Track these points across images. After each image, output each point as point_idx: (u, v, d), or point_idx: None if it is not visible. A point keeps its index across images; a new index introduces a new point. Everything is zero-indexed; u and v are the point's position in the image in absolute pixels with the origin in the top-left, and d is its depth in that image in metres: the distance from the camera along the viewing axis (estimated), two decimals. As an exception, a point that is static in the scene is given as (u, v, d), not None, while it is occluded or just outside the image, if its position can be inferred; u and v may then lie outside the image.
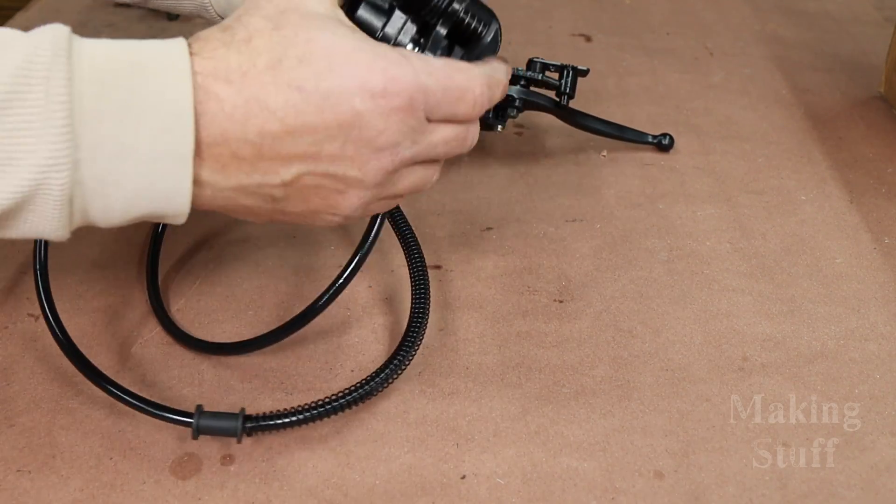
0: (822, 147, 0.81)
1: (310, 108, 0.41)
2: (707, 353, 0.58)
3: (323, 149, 0.43)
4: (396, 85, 0.43)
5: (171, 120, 0.39)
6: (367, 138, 0.43)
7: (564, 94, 0.75)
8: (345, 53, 0.42)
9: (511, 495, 0.49)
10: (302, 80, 0.41)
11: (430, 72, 0.44)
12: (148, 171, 0.40)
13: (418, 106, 0.44)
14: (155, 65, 0.40)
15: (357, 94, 0.42)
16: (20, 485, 0.49)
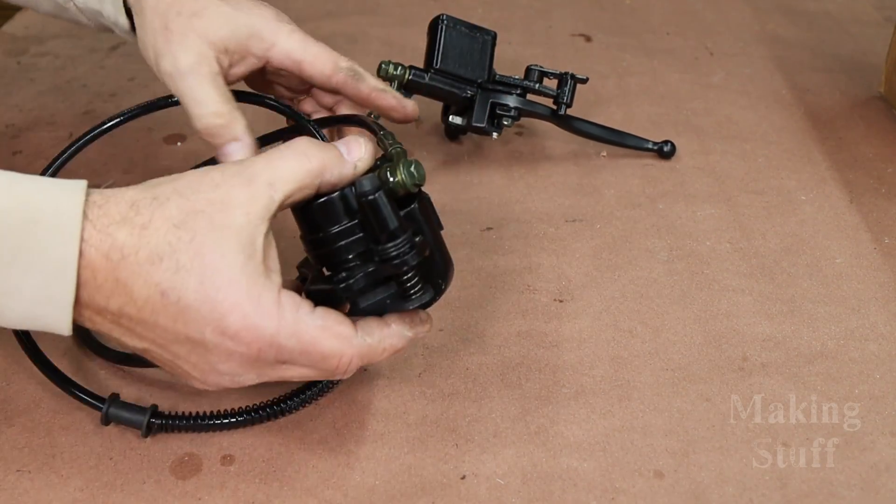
0: (821, 147, 0.81)
1: (166, 312, 0.43)
2: (707, 352, 0.58)
3: (170, 346, 0.44)
4: (250, 334, 0.43)
5: (55, 277, 0.41)
6: (209, 360, 0.44)
7: (562, 104, 0.75)
8: (220, 282, 0.42)
9: (511, 495, 0.49)
10: (169, 286, 0.42)
11: (295, 333, 0.44)
12: (31, 309, 0.42)
13: (266, 357, 0.44)
14: (46, 225, 0.41)
15: (209, 326, 0.43)
16: (20, 484, 0.49)
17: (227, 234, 0.43)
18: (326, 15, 1.08)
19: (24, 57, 0.98)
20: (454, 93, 0.74)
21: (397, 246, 0.45)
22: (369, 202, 0.44)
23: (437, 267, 0.49)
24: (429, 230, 0.48)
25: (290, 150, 0.45)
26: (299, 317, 0.44)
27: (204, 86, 0.56)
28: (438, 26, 0.74)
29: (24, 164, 0.78)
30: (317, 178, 0.45)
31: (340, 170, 0.46)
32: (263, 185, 0.44)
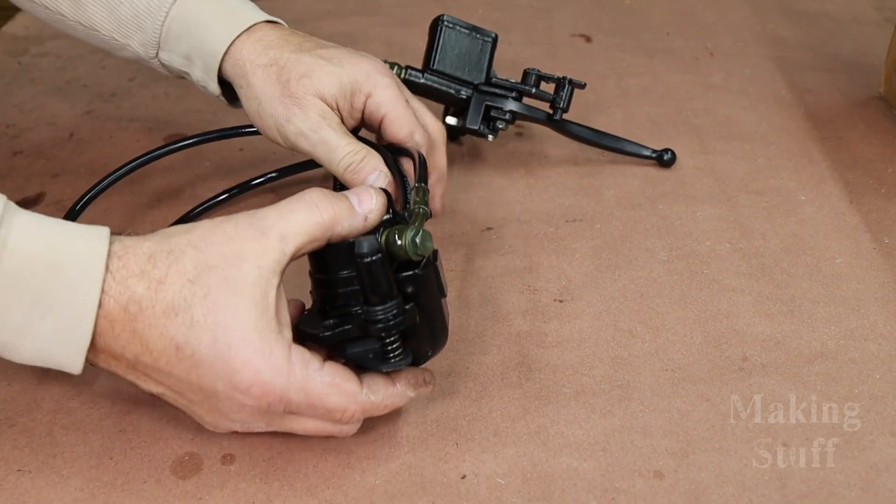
0: (821, 147, 0.81)
1: (181, 365, 0.44)
2: (707, 353, 0.58)
3: (185, 393, 0.46)
4: (260, 389, 0.45)
5: (73, 321, 0.43)
6: (220, 410, 0.46)
7: (559, 109, 0.75)
8: (232, 339, 0.44)
9: (511, 495, 0.49)
10: (184, 341, 0.44)
11: (304, 388, 0.45)
12: (46, 350, 0.44)
13: (275, 409, 0.46)
14: (69, 273, 0.43)
15: (222, 380, 0.44)
16: (21, 484, 0.49)
17: (240, 289, 0.44)
18: (326, 15, 1.09)
19: (25, 57, 0.98)
20: (450, 94, 0.74)
21: (385, 310, 0.46)
22: (364, 264, 0.45)
23: (428, 335, 0.50)
24: (427, 298, 0.49)
25: (302, 203, 0.46)
26: (308, 373, 0.46)
27: (336, 133, 0.60)
28: (438, 27, 0.74)
29: (24, 164, 0.78)
30: (328, 230, 0.47)
31: (351, 222, 0.47)
32: (275, 238, 0.45)
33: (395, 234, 0.47)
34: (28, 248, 0.42)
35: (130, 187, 0.74)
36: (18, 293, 0.42)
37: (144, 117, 0.86)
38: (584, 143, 0.79)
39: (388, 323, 0.46)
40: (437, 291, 0.50)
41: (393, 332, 0.47)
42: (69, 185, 0.74)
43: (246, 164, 0.78)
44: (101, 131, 0.83)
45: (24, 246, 0.42)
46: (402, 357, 0.48)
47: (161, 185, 0.75)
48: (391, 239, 0.47)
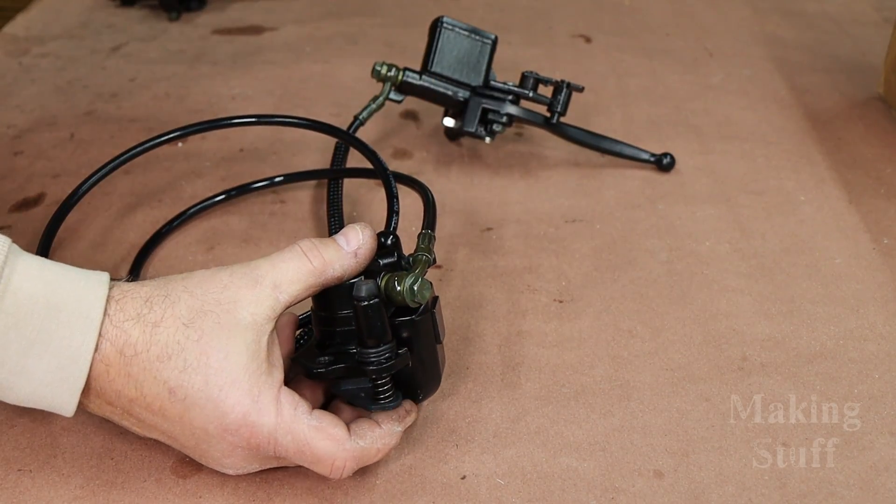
0: (821, 147, 0.81)
1: (173, 409, 0.45)
2: (707, 352, 0.59)
3: (178, 438, 0.47)
4: (248, 430, 0.45)
5: (69, 362, 0.43)
6: (212, 454, 0.47)
7: (556, 112, 0.75)
8: (223, 382, 0.45)
9: (511, 495, 0.49)
10: (177, 384, 0.44)
11: (291, 430, 0.46)
12: (41, 391, 0.44)
13: (265, 451, 0.46)
14: (69, 313, 0.43)
15: (213, 422, 0.45)
16: (21, 484, 0.49)
17: (233, 333, 0.45)
18: (327, 15, 1.09)
19: (26, 57, 0.98)
20: (447, 95, 0.75)
21: (378, 353, 0.47)
22: (361, 307, 0.46)
23: (420, 379, 0.51)
24: (423, 343, 0.50)
25: (292, 253, 0.47)
26: (296, 415, 0.46)
27: None
28: (437, 28, 0.74)
29: (25, 164, 0.78)
30: (320, 276, 0.47)
31: (342, 262, 0.48)
32: (268, 287, 0.46)
33: (396, 280, 0.48)
34: (30, 289, 0.43)
35: (131, 187, 0.74)
36: (17, 332, 0.42)
37: (145, 117, 0.86)
38: (581, 146, 0.79)
39: (381, 365, 0.47)
40: (432, 338, 0.51)
41: (384, 374, 0.48)
42: (70, 186, 0.74)
43: (246, 164, 0.78)
44: (102, 132, 0.83)
45: (27, 286, 0.43)
46: (392, 399, 0.49)
47: (161, 184, 0.75)
48: (391, 284, 0.48)
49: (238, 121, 0.66)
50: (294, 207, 0.73)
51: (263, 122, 0.67)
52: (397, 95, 0.75)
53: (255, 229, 0.70)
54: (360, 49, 1.00)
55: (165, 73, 0.94)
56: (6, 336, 0.42)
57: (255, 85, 0.92)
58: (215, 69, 0.95)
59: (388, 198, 0.57)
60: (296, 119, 0.66)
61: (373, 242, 0.49)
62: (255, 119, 0.67)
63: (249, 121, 0.66)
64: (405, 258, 0.51)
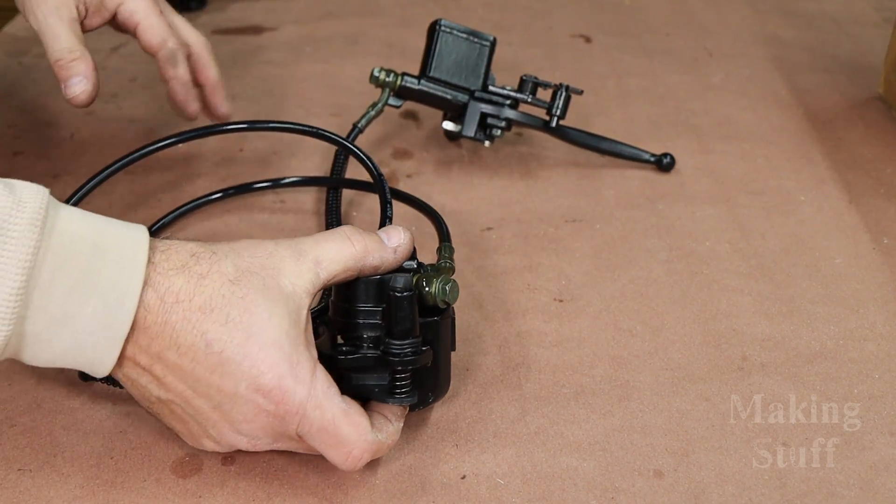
0: (821, 148, 0.81)
1: (206, 362, 0.44)
2: (707, 352, 0.59)
3: (195, 400, 0.46)
4: (281, 395, 0.45)
5: (115, 305, 0.43)
6: (233, 418, 0.46)
7: (554, 116, 0.75)
8: (264, 341, 0.44)
9: (511, 495, 0.49)
10: (215, 337, 0.44)
11: (320, 406, 0.45)
12: (81, 340, 0.43)
13: (290, 423, 0.46)
14: (116, 254, 0.43)
15: (245, 380, 0.44)
16: (21, 484, 0.49)
17: (277, 298, 0.45)
18: (327, 16, 1.09)
19: (26, 57, 0.98)
20: (446, 100, 0.75)
21: (402, 346, 0.48)
22: (397, 298, 0.47)
23: (433, 381, 0.51)
24: (440, 346, 0.51)
25: (337, 235, 0.49)
26: (329, 393, 0.46)
27: (62, 26, 0.65)
28: (435, 32, 0.74)
29: (25, 164, 0.78)
30: (360, 261, 0.48)
31: (381, 254, 0.49)
32: (311, 261, 0.47)
33: (424, 280, 0.49)
34: (76, 230, 0.43)
35: (131, 186, 0.74)
36: (64, 273, 0.42)
37: (145, 118, 0.86)
38: (582, 148, 0.79)
39: (405, 358, 0.48)
40: (449, 343, 0.52)
41: (408, 367, 0.49)
42: (70, 186, 0.74)
43: (246, 164, 0.78)
44: (102, 132, 0.83)
45: (73, 228, 0.43)
46: (409, 394, 0.50)
47: (161, 184, 0.75)
48: (420, 284, 0.49)
49: (229, 127, 0.66)
50: (294, 208, 0.73)
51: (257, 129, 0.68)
52: (396, 101, 0.75)
53: (254, 229, 0.70)
54: (360, 49, 1.00)
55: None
56: (52, 277, 0.42)
57: (255, 85, 0.92)
58: (215, 69, 0.95)
59: (381, 204, 0.58)
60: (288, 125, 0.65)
61: (411, 246, 0.51)
62: (246, 125, 0.67)
63: (241, 127, 0.66)
64: (425, 266, 0.52)
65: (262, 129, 0.67)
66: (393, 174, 0.77)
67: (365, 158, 0.61)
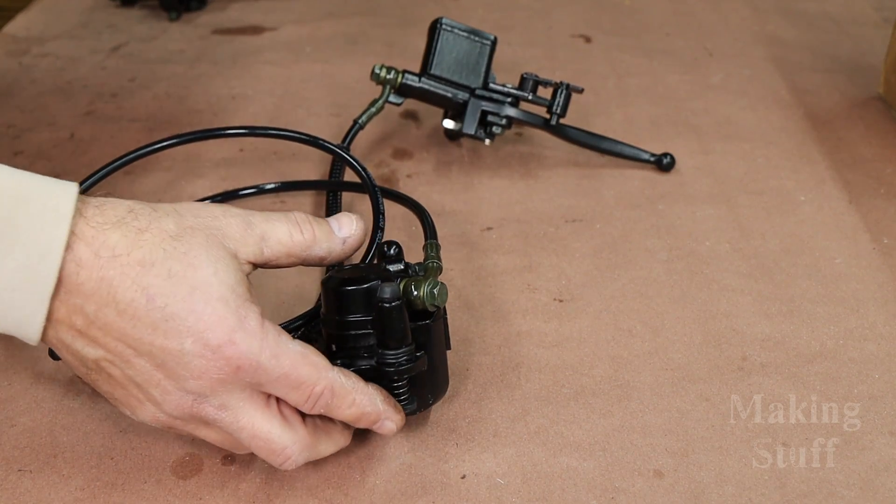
0: (821, 148, 0.81)
1: (148, 319, 0.42)
2: (707, 352, 0.59)
3: (135, 360, 0.43)
4: (231, 349, 0.43)
5: (38, 258, 0.40)
6: (178, 376, 0.43)
7: (555, 114, 0.75)
8: (210, 295, 0.42)
9: (511, 495, 0.49)
10: (157, 291, 0.42)
11: (276, 355, 0.44)
12: (6, 298, 0.41)
13: (243, 376, 0.43)
14: (39, 205, 0.41)
15: (191, 337, 0.42)
16: (21, 484, 0.49)
17: (221, 255, 0.44)
18: (327, 16, 1.09)
19: (26, 57, 0.98)
20: (447, 98, 0.75)
21: (397, 355, 0.48)
22: (384, 309, 0.47)
23: (431, 383, 0.51)
24: (435, 348, 0.50)
25: (287, 218, 0.47)
26: (281, 340, 0.44)
27: None
28: (436, 30, 0.74)
29: (25, 164, 0.78)
30: (306, 250, 0.48)
31: (329, 245, 0.48)
32: (257, 235, 0.46)
33: (413, 284, 0.49)
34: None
35: (130, 187, 0.74)
36: None
37: (145, 118, 0.86)
38: (581, 147, 0.78)
39: (401, 367, 0.48)
40: (443, 343, 0.52)
41: (404, 376, 0.49)
42: (70, 186, 0.75)
43: (246, 164, 0.78)
44: (102, 132, 0.83)
45: None
46: (408, 402, 0.50)
47: (161, 184, 0.75)
48: (408, 289, 0.49)
49: (229, 132, 0.66)
50: (294, 208, 0.73)
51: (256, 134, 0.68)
52: (397, 98, 0.75)
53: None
54: (360, 49, 1.00)
55: (165, 73, 0.94)
56: None
57: (255, 85, 0.92)
58: (215, 69, 0.95)
59: (374, 214, 0.58)
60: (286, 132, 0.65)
61: (362, 235, 0.50)
62: (246, 130, 0.67)
63: (241, 132, 0.67)
64: (412, 266, 0.52)
65: (262, 136, 0.67)
66: (393, 174, 0.77)
67: (360, 169, 0.61)
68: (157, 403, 0.44)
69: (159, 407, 0.45)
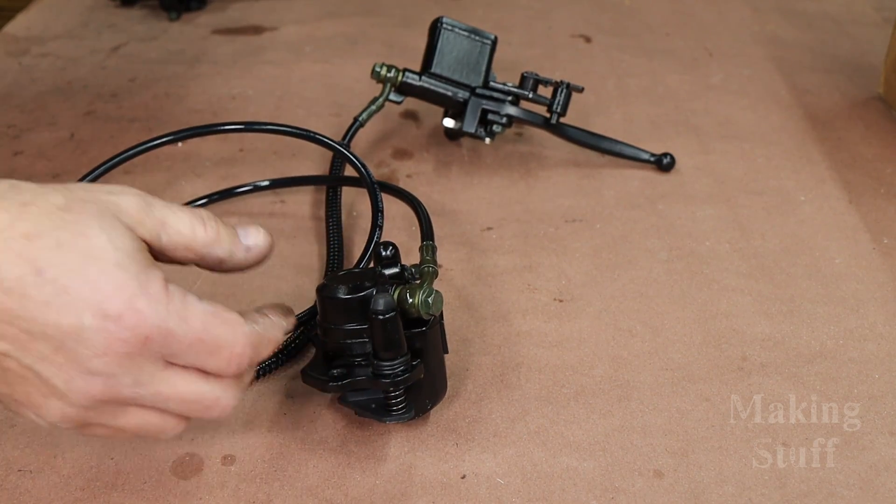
0: (821, 147, 0.81)
1: (38, 296, 0.38)
2: (706, 352, 0.59)
3: (33, 344, 0.39)
4: (135, 317, 0.39)
5: None
6: (80, 356, 0.39)
7: (555, 113, 0.75)
8: (105, 263, 0.39)
9: (511, 495, 0.49)
10: (47, 264, 0.38)
11: (185, 318, 0.40)
12: None
13: (152, 347, 0.40)
14: None
15: (89, 309, 0.38)
16: (21, 484, 0.49)
17: (115, 224, 0.40)
18: (327, 16, 1.09)
19: (26, 58, 0.98)
20: (447, 96, 0.75)
21: (393, 366, 0.48)
22: (379, 321, 0.47)
23: (429, 388, 0.51)
24: (431, 353, 0.50)
25: (192, 212, 0.45)
26: (188, 301, 0.41)
27: None
28: (437, 29, 0.74)
29: (25, 164, 0.78)
30: (206, 247, 0.44)
31: (231, 248, 0.45)
32: (156, 219, 0.43)
33: (407, 292, 0.48)
34: None
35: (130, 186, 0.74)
36: None
37: (145, 118, 0.86)
38: (581, 147, 0.78)
39: (396, 378, 0.48)
40: (440, 348, 0.52)
41: (400, 386, 0.48)
42: (70, 186, 0.74)
43: (246, 164, 0.78)
44: (102, 132, 0.83)
45: None
46: (405, 410, 0.50)
47: (160, 183, 0.75)
48: (403, 297, 0.49)
49: (226, 128, 0.66)
50: (294, 208, 0.73)
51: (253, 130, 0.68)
52: (397, 96, 0.75)
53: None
54: (360, 49, 1.00)
55: (165, 73, 0.94)
56: None
57: (255, 85, 0.92)
58: (215, 69, 0.95)
59: (373, 211, 0.58)
60: (284, 127, 0.66)
61: (268, 251, 0.47)
62: (242, 126, 0.67)
63: (237, 128, 0.67)
64: (408, 269, 0.51)
65: (258, 132, 0.68)
66: (393, 174, 0.77)
67: (359, 165, 0.61)
68: (62, 395, 0.40)
69: (65, 399, 0.40)
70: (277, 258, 0.66)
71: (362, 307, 0.47)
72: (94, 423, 0.42)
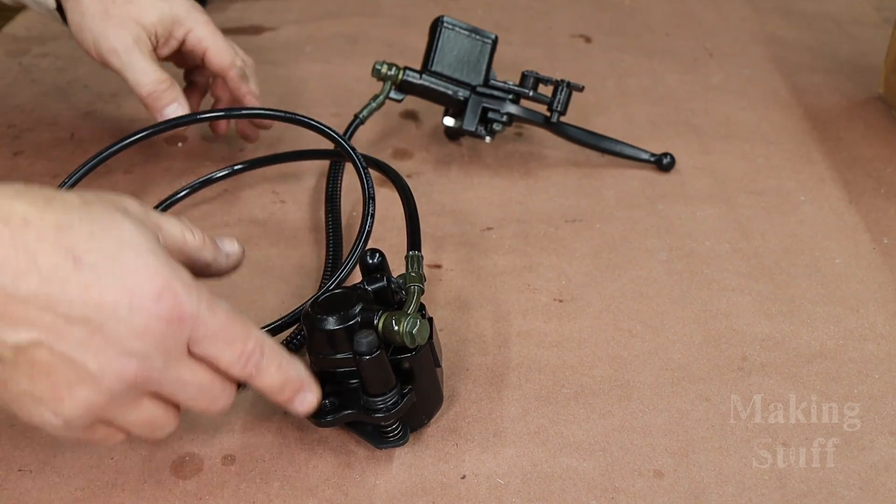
0: (821, 147, 0.81)
1: (79, 280, 0.39)
2: (707, 352, 0.59)
3: (69, 329, 0.39)
4: (173, 298, 0.41)
5: None
6: (119, 336, 0.40)
7: (555, 112, 0.75)
8: (139, 249, 0.41)
9: (511, 495, 0.49)
10: (84, 251, 0.39)
11: (212, 308, 0.42)
12: None
13: (184, 329, 0.41)
14: None
15: (129, 290, 0.40)
16: (21, 484, 0.49)
17: (133, 218, 0.42)
18: (327, 15, 1.09)
19: (26, 58, 0.98)
20: (447, 95, 0.75)
21: (385, 399, 0.48)
22: (364, 361, 0.46)
23: (423, 404, 0.51)
24: (422, 375, 0.50)
25: (179, 220, 0.47)
26: (212, 295, 0.43)
27: (146, 59, 0.68)
28: (438, 28, 0.74)
29: (25, 164, 0.78)
30: (195, 251, 0.48)
31: (214, 254, 0.49)
32: (154, 223, 0.45)
33: (393, 320, 0.47)
34: None
35: (131, 187, 0.74)
36: None
37: (145, 118, 0.85)
38: (581, 146, 0.79)
39: (388, 412, 0.48)
40: (432, 365, 0.51)
41: (391, 419, 0.49)
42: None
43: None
44: (102, 132, 0.83)
45: None
46: (401, 436, 0.50)
47: (161, 184, 0.75)
48: (388, 325, 0.47)
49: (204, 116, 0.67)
50: (294, 208, 0.73)
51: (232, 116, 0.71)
52: (397, 94, 0.75)
53: (253, 229, 0.70)
54: (360, 49, 1.00)
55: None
56: None
57: (255, 85, 0.92)
58: (215, 69, 0.95)
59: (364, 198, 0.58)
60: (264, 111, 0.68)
61: (241, 257, 0.51)
62: (223, 112, 0.71)
63: (217, 115, 0.70)
64: (394, 280, 0.51)
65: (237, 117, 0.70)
66: (393, 174, 0.77)
67: (353, 154, 0.62)
68: (95, 380, 0.40)
69: (96, 385, 0.40)
70: (278, 258, 0.66)
71: (349, 335, 0.47)
72: (107, 417, 0.43)
